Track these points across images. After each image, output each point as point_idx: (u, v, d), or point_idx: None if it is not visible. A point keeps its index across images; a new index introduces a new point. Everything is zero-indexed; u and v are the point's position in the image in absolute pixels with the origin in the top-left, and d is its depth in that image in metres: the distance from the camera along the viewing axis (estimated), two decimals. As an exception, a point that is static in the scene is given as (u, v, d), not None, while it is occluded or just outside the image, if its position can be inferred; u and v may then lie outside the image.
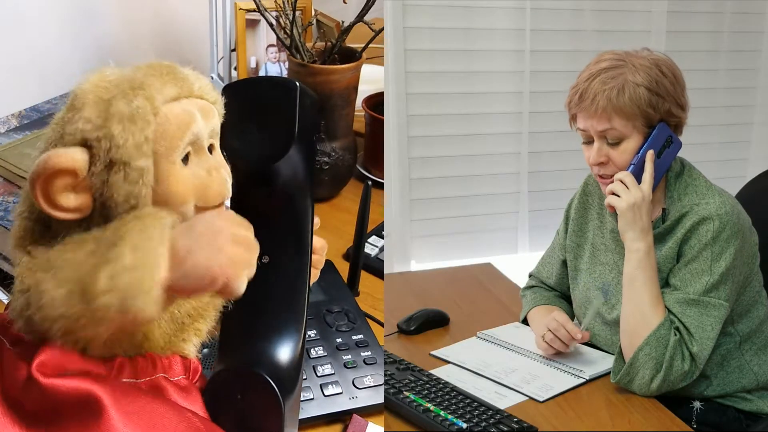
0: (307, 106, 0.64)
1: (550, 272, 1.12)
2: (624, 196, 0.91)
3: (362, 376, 0.90)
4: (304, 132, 0.64)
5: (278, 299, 0.67)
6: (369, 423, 0.86)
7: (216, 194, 0.60)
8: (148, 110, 0.55)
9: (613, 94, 0.90)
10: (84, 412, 0.54)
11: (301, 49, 1.23)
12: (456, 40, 1.68)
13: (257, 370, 0.63)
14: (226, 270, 0.51)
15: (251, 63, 1.56)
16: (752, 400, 0.97)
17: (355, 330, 0.98)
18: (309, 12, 1.55)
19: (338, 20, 1.59)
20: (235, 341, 0.66)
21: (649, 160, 0.92)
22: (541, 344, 0.99)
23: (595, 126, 0.93)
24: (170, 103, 0.57)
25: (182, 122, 0.57)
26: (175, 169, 0.57)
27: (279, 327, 0.66)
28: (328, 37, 1.37)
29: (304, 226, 0.68)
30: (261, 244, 0.62)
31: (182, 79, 0.59)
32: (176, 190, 0.57)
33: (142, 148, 0.55)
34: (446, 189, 1.73)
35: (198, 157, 0.59)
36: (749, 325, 0.97)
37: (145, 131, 0.55)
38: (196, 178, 0.59)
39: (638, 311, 0.91)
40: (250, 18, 1.51)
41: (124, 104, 0.55)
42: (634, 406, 0.89)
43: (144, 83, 0.56)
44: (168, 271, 0.51)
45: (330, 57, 1.25)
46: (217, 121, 0.62)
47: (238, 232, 0.53)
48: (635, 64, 0.92)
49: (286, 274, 0.67)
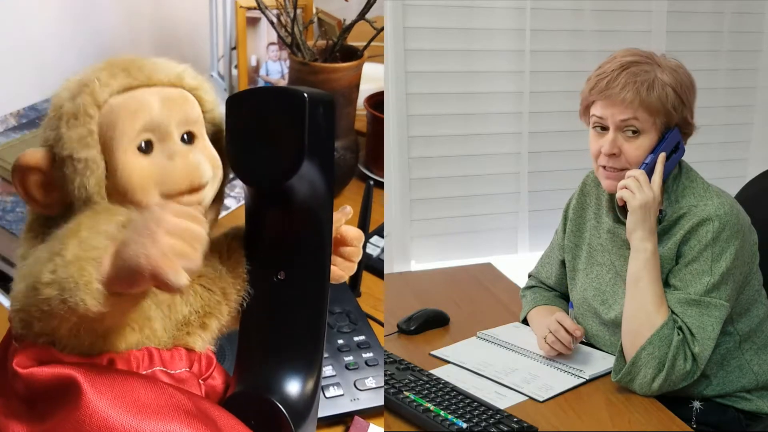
0: (318, 115, 0.60)
1: (550, 272, 1.12)
2: (638, 194, 0.91)
3: (364, 377, 0.90)
4: (316, 145, 0.59)
5: (295, 318, 0.65)
6: (370, 424, 0.85)
7: (179, 179, 0.58)
8: (90, 104, 0.56)
9: (643, 88, 0.91)
10: (64, 394, 0.55)
11: (302, 48, 1.23)
12: (456, 40, 1.68)
13: (269, 396, 0.62)
14: (154, 261, 0.48)
15: (252, 61, 1.55)
16: (752, 399, 0.97)
17: (357, 331, 0.97)
18: (310, 10, 1.55)
19: (340, 18, 1.59)
20: (251, 362, 0.65)
21: (660, 162, 0.92)
22: (543, 346, 0.99)
23: (616, 115, 0.93)
24: (121, 93, 0.58)
25: (131, 110, 0.57)
26: (129, 158, 0.57)
27: (295, 350, 0.65)
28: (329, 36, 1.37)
29: (322, 242, 0.64)
30: (277, 261, 0.64)
31: (138, 69, 0.59)
32: (132, 179, 0.57)
33: (85, 140, 0.56)
34: (446, 189, 1.72)
35: (162, 144, 0.58)
36: (749, 325, 0.97)
37: (87, 125, 0.56)
38: (156, 165, 0.58)
39: (642, 311, 0.91)
40: (250, 16, 1.51)
41: (70, 103, 0.57)
42: (634, 405, 0.89)
43: (89, 80, 0.58)
44: (109, 267, 0.50)
45: (331, 55, 1.24)
46: (192, 108, 0.61)
47: (177, 223, 0.50)
48: (662, 64, 0.94)
49: (304, 292, 0.65)
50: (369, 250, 1.17)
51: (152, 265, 0.48)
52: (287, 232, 0.64)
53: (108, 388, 0.55)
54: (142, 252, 0.48)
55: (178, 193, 0.58)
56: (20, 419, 0.57)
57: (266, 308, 0.65)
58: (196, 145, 0.61)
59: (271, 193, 0.62)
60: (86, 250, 0.50)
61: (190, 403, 0.58)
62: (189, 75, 0.62)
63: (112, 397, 0.55)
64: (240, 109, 0.62)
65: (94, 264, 0.50)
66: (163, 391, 0.58)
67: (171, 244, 0.49)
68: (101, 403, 0.54)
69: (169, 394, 0.58)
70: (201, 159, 0.60)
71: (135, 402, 0.55)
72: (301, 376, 0.64)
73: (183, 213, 0.51)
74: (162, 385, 0.59)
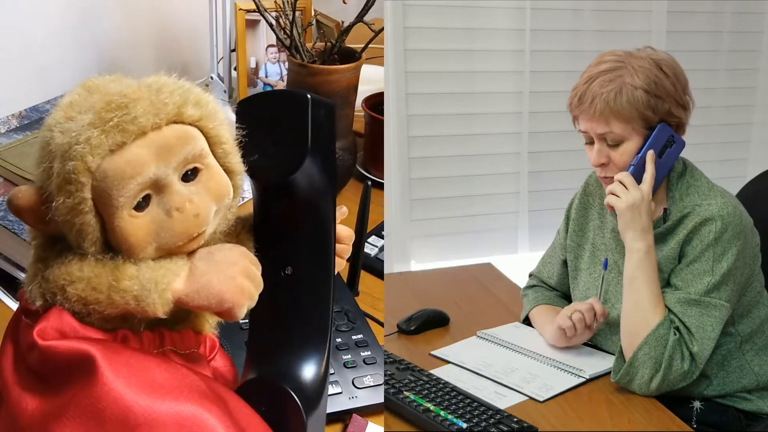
0: (320, 116, 0.64)
1: (551, 272, 1.12)
2: (623, 197, 0.91)
3: (362, 375, 0.90)
4: (319, 143, 0.63)
5: (303, 311, 0.67)
6: (369, 422, 0.86)
7: (177, 235, 0.57)
8: (82, 171, 0.54)
9: (611, 97, 0.90)
10: (79, 370, 0.55)
11: (300, 50, 1.24)
12: (456, 40, 1.68)
13: (282, 383, 0.64)
14: (233, 296, 0.58)
15: (251, 63, 1.56)
16: (752, 400, 0.97)
17: (355, 330, 0.98)
18: (309, 12, 1.55)
19: (338, 20, 1.59)
20: (263, 352, 0.68)
21: (649, 160, 0.92)
22: (565, 322, 0.96)
23: (594, 128, 0.93)
24: (114, 154, 0.54)
25: (125, 176, 0.54)
26: (124, 222, 0.55)
27: (305, 340, 0.67)
28: (327, 38, 1.37)
29: (326, 236, 0.67)
30: (284, 256, 0.67)
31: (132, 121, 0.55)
32: (127, 241, 0.56)
33: (78, 207, 0.55)
34: (446, 189, 1.72)
35: (161, 196, 0.57)
36: (750, 326, 0.97)
37: (80, 192, 0.54)
38: (154, 222, 0.56)
39: (638, 311, 0.91)
40: (249, 18, 1.51)
41: (60, 165, 0.55)
42: (634, 405, 0.89)
43: (80, 140, 0.54)
44: (184, 283, 0.57)
45: (330, 57, 1.25)
46: (195, 145, 0.58)
47: (249, 268, 0.60)
48: (634, 65, 0.92)
49: (310, 286, 0.67)
50: (367, 250, 1.17)
51: (231, 299, 0.58)
52: (293, 228, 0.66)
53: (124, 366, 0.56)
54: (227, 287, 0.58)
55: (176, 248, 0.58)
56: (33, 393, 0.57)
57: (275, 301, 0.66)
58: (200, 178, 0.58)
59: (277, 188, 0.65)
60: (168, 264, 0.58)
61: (202, 383, 0.59)
62: (190, 105, 0.58)
63: (128, 376, 0.55)
64: (250, 110, 0.64)
65: (175, 276, 0.57)
66: (176, 371, 0.59)
67: (247, 286, 0.59)
68: (117, 382, 0.55)
69: (183, 374, 0.58)
70: (200, 207, 0.58)
71: (150, 382, 0.56)
72: (312, 365, 0.66)
73: (253, 261, 0.61)
74: (176, 366, 0.59)
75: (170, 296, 0.57)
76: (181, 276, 0.58)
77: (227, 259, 0.59)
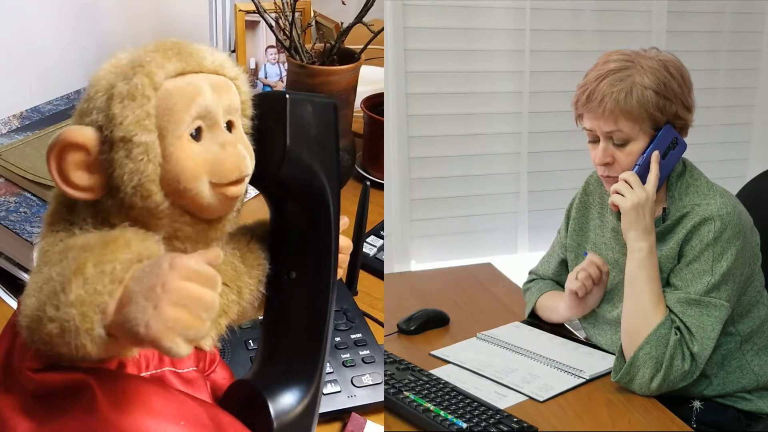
0: (304, 114, 0.62)
1: (547, 269, 1.13)
2: (628, 196, 0.91)
3: (361, 374, 0.90)
4: (301, 144, 0.61)
5: (300, 320, 0.66)
6: (367, 421, 0.86)
7: (231, 169, 0.57)
8: (147, 85, 0.54)
9: (621, 96, 0.90)
10: (76, 399, 0.54)
11: (300, 51, 1.24)
12: (456, 40, 1.68)
13: (261, 391, 0.63)
14: (153, 333, 0.45)
15: (250, 64, 1.56)
16: (752, 400, 0.97)
17: (354, 329, 0.98)
18: (308, 13, 1.55)
19: (337, 21, 1.59)
20: (258, 357, 0.67)
21: (654, 161, 0.92)
22: (574, 283, 0.98)
23: (601, 127, 0.93)
24: (174, 78, 0.56)
25: (187, 96, 0.55)
26: (183, 144, 0.55)
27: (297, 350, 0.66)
28: (327, 39, 1.37)
29: (326, 241, 0.66)
30: (286, 261, 0.65)
31: (189, 54, 0.57)
32: (185, 166, 0.55)
33: (143, 122, 0.54)
34: (446, 189, 1.72)
35: (212, 132, 0.57)
36: (750, 326, 0.97)
37: (145, 106, 0.54)
38: (209, 153, 0.56)
39: (639, 310, 0.92)
40: (249, 19, 1.51)
41: (123, 84, 0.54)
42: (634, 405, 0.89)
43: (144, 61, 0.55)
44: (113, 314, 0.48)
45: (329, 58, 1.25)
46: (235, 97, 0.60)
47: (184, 292, 0.46)
48: (643, 65, 0.92)
49: (310, 293, 0.66)
50: (366, 250, 1.18)
51: (151, 336, 0.45)
52: (292, 231, 0.65)
53: (121, 394, 0.55)
54: (143, 320, 0.45)
55: (228, 183, 0.57)
56: (27, 416, 0.56)
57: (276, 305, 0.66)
58: (236, 134, 0.60)
59: (271, 190, 0.64)
60: (90, 294, 0.48)
61: (201, 411, 0.58)
62: (229, 64, 0.61)
63: (125, 404, 0.54)
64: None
65: (97, 310, 0.48)
66: (174, 398, 0.57)
67: (175, 317, 0.45)
68: (114, 411, 0.54)
69: (180, 402, 0.57)
70: (245, 151, 0.59)
71: (147, 410, 0.55)
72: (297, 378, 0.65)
73: (194, 274, 0.47)
74: (173, 392, 0.58)
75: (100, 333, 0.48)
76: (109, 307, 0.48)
77: (156, 280, 0.46)
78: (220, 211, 0.59)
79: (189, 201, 0.56)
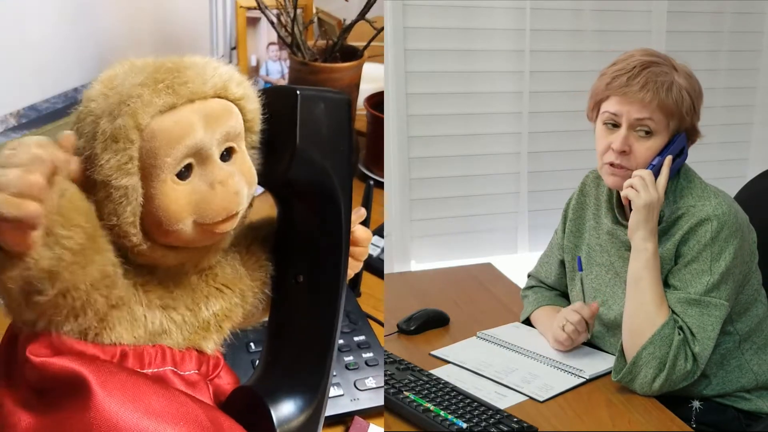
0: (314, 114, 0.58)
1: (549, 272, 1.12)
2: (643, 193, 0.91)
3: (364, 377, 0.90)
4: (314, 141, 0.58)
5: (307, 325, 0.64)
6: (371, 425, 0.86)
7: (217, 210, 0.55)
8: (131, 127, 0.52)
9: (663, 89, 0.91)
10: (73, 391, 0.54)
11: (302, 48, 1.23)
12: (456, 40, 1.68)
13: (264, 397, 0.61)
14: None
15: (252, 61, 1.56)
16: (751, 399, 0.97)
17: (357, 331, 0.97)
18: (310, 10, 1.55)
19: (340, 18, 1.59)
20: (261, 362, 0.65)
21: (666, 165, 0.93)
22: (560, 335, 0.98)
23: (632, 113, 0.93)
24: (162, 115, 0.53)
25: (173, 138, 0.53)
26: (167, 187, 0.53)
27: (302, 357, 0.64)
28: (329, 36, 1.37)
29: (336, 246, 0.63)
30: (293, 264, 0.63)
31: (183, 84, 0.54)
32: (167, 209, 0.53)
33: (124, 167, 0.52)
34: (446, 189, 1.72)
35: (203, 167, 0.55)
36: (749, 324, 0.97)
37: (128, 150, 0.52)
38: (195, 193, 0.54)
39: (643, 310, 0.91)
40: (250, 16, 1.51)
41: (108, 122, 0.52)
42: (634, 405, 0.89)
43: (131, 97, 0.53)
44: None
45: (331, 55, 1.25)
46: (236, 122, 0.57)
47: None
48: (678, 68, 0.94)
49: (318, 298, 0.64)
50: (369, 251, 1.17)
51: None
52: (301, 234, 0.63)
53: (118, 390, 0.54)
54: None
55: (211, 225, 0.56)
56: (28, 408, 0.55)
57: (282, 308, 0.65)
58: (235, 160, 0.57)
59: (279, 190, 0.62)
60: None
61: (201, 412, 0.57)
62: (234, 83, 0.57)
63: (122, 401, 0.54)
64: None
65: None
66: (175, 398, 0.57)
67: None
68: (111, 407, 0.53)
69: (181, 402, 0.57)
70: (240, 185, 0.56)
71: (145, 408, 0.54)
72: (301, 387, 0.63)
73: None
74: (173, 392, 0.57)
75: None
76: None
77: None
78: (207, 242, 0.58)
79: (173, 239, 0.55)
